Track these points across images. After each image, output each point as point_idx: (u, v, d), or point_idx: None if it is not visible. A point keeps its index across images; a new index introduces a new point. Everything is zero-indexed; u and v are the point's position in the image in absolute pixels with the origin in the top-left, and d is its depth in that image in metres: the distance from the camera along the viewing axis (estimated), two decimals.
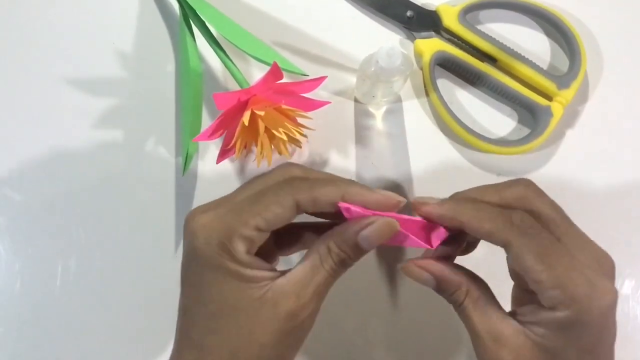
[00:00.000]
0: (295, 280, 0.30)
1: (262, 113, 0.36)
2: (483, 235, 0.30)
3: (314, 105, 0.39)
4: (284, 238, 0.35)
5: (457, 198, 0.33)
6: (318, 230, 0.34)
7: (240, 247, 0.30)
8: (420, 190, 0.44)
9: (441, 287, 0.32)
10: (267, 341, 0.29)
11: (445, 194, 0.43)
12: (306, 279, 0.30)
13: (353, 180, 0.33)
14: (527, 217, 0.30)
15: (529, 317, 0.30)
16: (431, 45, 0.45)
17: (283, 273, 0.31)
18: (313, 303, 0.31)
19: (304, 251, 0.33)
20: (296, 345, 0.31)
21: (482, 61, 0.45)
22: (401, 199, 0.32)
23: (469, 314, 0.31)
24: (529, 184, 0.33)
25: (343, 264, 0.31)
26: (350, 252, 0.31)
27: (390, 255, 0.43)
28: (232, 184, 0.44)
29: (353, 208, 0.31)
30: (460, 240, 0.33)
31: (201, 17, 0.43)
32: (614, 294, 0.29)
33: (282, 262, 0.36)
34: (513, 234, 0.30)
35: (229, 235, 0.30)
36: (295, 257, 0.38)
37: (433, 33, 0.46)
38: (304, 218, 0.33)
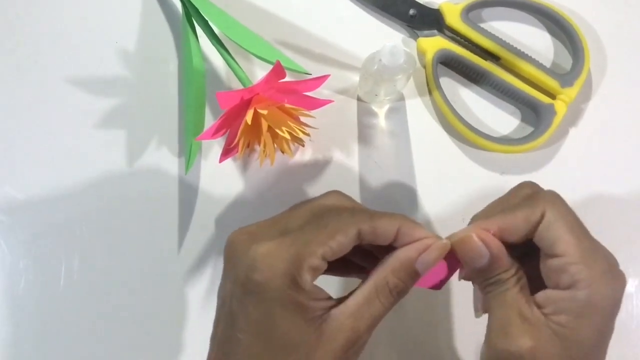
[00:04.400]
0: (350, 313, 0.30)
1: (265, 112, 0.36)
2: (519, 225, 0.31)
3: (317, 104, 0.39)
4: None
5: (477, 219, 0.34)
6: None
7: (307, 278, 0.29)
8: (423, 190, 0.44)
9: (493, 265, 0.31)
10: None
11: (448, 192, 0.44)
12: (361, 311, 0.30)
13: (406, 215, 0.32)
14: (554, 192, 0.31)
15: (548, 308, 0.30)
16: (434, 43, 0.45)
17: (337, 303, 0.30)
18: (366, 335, 0.30)
19: None
20: None
21: (485, 59, 0.45)
22: (446, 242, 0.32)
23: (509, 288, 0.30)
24: (532, 185, 0.34)
25: (400, 294, 0.31)
26: (408, 280, 0.31)
27: None
28: (235, 183, 0.44)
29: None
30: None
31: (204, 15, 0.43)
32: (624, 286, 0.30)
33: None
34: (546, 203, 0.30)
35: (298, 266, 0.29)
36: None
37: (436, 31, 0.46)
38: None
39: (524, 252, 0.32)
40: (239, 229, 0.32)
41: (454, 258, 0.32)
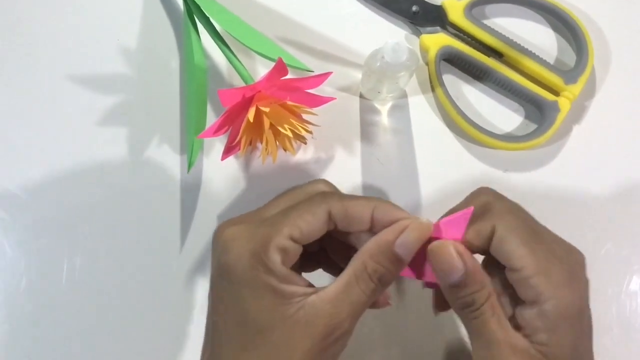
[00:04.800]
0: (328, 299, 0.29)
1: (267, 109, 0.36)
2: (471, 239, 0.30)
3: (319, 101, 0.39)
4: (310, 260, 0.34)
5: None
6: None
7: (275, 258, 0.29)
8: (426, 187, 0.43)
9: (467, 282, 0.29)
10: None
11: (451, 190, 0.44)
12: (340, 298, 0.29)
13: (381, 198, 0.31)
14: (498, 196, 0.32)
15: (527, 329, 0.29)
16: (437, 40, 0.45)
17: (316, 290, 0.29)
18: (347, 323, 0.29)
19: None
20: None
21: (489, 56, 0.45)
22: (426, 220, 0.30)
23: (487, 319, 0.29)
24: (489, 191, 0.33)
25: (382, 281, 0.30)
26: (389, 264, 0.30)
27: None
28: (237, 181, 0.44)
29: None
30: None
31: (205, 13, 0.43)
32: (587, 285, 0.30)
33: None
34: (496, 217, 0.30)
35: (264, 245, 0.29)
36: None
37: (439, 28, 0.46)
38: None
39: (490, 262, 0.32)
40: (224, 221, 0.32)
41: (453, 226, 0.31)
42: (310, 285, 0.30)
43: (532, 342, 0.29)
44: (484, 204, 0.32)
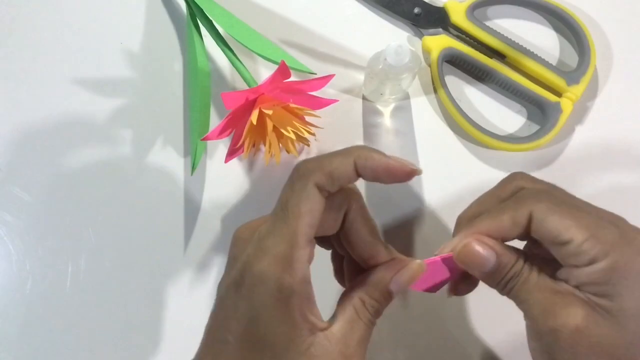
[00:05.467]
0: (337, 340, 0.29)
1: (270, 112, 0.36)
2: (507, 229, 0.30)
3: (322, 103, 0.39)
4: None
5: (463, 221, 0.33)
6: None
7: (302, 255, 0.28)
8: (429, 188, 0.44)
9: (502, 262, 0.30)
10: None
11: (454, 191, 0.44)
12: (347, 337, 0.29)
13: (366, 146, 0.31)
14: (530, 179, 0.31)
15: (572, 282, 0.29)
16: (439, 42, 0.45)
17: (323, 327, 0.29)
18: (358, 357, 0.30)
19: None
20: None
21: (491, 57, 0.45)
22: (416, 167, 0.31)
23: (534, 279, 0.29)
24: (522, 176, 0.33)
25: (377, 314, 0.31)
26: (383, 300, 0.31)
27: None
28: (241, 183, 0.44)
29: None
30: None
31: (208, 16, 0.43)
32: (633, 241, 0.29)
33: None
34: (530, 202, 0.30)
35: (288, 264, 0.28)
36: None
37: (441, 30, 0.46)
38: None
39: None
40: (243, 224, 0.32)
41: (446, 263, 0.32)
42: (321, 320, 0.30)
43: (582, 291, 0.28)
44: (516, 189, 0.32)
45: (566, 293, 0.29)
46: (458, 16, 0.45)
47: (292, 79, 0.37)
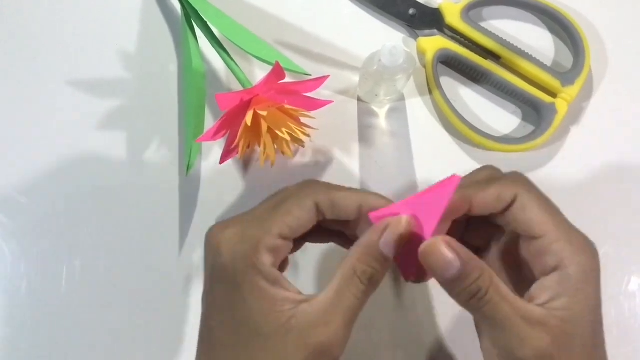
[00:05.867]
0: (320, 308, 0.28)
1: (264, 113, 0.36)
2: (490, 201, 0.30)
3: (317, 104, 0.39)
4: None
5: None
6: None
7: (266, 260, 0.29)
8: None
9: (466, 271, 0.28)
10: None
11: None
12: (332, 306, 0.29)
13: (369, 191, 0.32)
14: (521, 174, 0.32)
15: (544, 296, 0.29)
16: (434, 43, 0.45)
17: (307, 299, 0.29)
18: (342, 330, 0.29)
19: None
20: None
21: (486, 58, 0.45)
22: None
23: (498, 301, 0.28)
24: (493, 167, 0.34)
25: (372, 282, 0.30)
26: (377, 264, 0.29)
27: None
28: (236, 185, 0.44)
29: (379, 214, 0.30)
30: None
31: (203, 17, 0.43)
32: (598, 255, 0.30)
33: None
34: (518, 185, 0.30)
35: (254, 247, 0.29)
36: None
37: (436, 31, 0.46)
38: None
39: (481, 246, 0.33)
40: (216, 223, 0.32)
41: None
42: (300, 292, 0.30)
43: (550, 309, 0.28)
44: (492, 175, 0.33)
45: (541, 318, 0.28)
46: (453, 17, 0.45)
47: (287, 80, 0.37)
